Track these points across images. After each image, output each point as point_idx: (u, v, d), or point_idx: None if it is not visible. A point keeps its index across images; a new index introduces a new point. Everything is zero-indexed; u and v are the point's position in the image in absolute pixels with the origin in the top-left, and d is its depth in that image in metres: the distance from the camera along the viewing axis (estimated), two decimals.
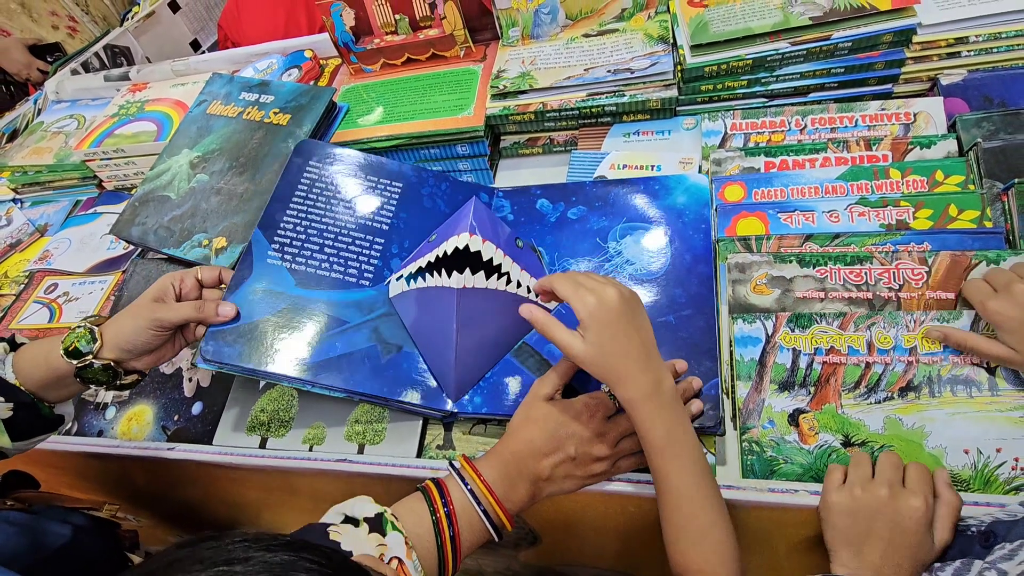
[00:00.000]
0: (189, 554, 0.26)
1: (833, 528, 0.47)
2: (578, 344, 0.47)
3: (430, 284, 0.61)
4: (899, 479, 0.47)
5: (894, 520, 0.45)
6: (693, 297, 0.60)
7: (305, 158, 0.71)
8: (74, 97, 1.13)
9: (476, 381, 0.59)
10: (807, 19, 0.68)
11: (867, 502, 0.46)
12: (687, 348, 0.57)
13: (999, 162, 0.59)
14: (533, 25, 0.83)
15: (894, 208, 0.60)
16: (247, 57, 1.02)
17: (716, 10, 0.74)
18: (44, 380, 0.55)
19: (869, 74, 0.70)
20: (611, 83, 0.75)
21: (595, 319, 0.46)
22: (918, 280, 0.55)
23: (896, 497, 0.46)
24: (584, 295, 0.47)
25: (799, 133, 0.70)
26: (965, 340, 0.51)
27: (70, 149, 1.01)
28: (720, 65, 0.71)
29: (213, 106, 0.89)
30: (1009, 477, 0.48)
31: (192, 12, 1.37)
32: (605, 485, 0.53)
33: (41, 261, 0.95)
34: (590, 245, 0.66)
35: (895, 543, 0.45)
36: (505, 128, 0.82)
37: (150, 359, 0.59)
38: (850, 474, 0.49)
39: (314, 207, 0.68)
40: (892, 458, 0.49)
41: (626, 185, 0.69)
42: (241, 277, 0.63)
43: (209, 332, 0.60)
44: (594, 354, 0.47)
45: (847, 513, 0.46)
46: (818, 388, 0.54)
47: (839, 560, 0.46)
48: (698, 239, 0.63)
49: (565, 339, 0.48)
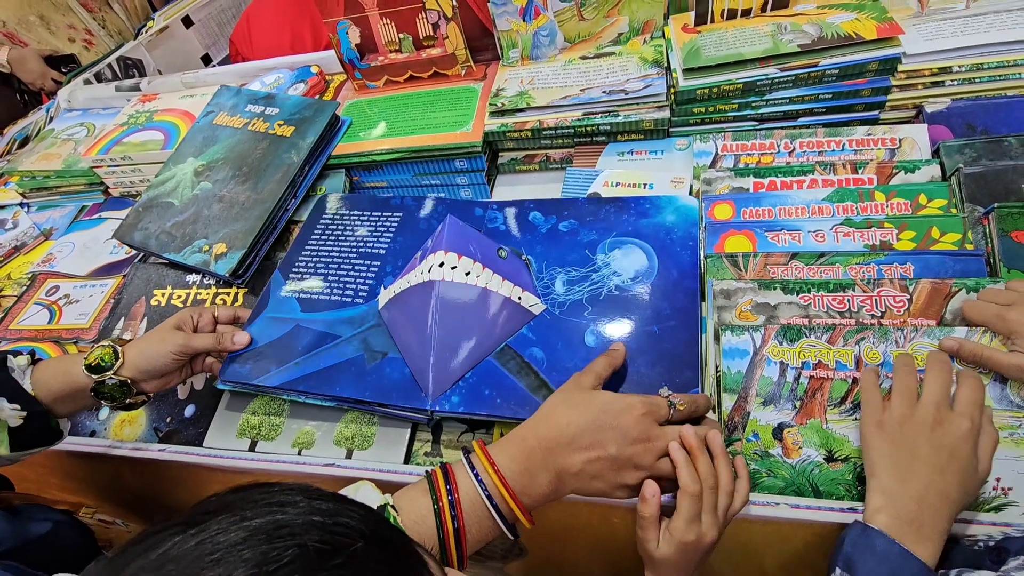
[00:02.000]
0: (242, 497, 0.27)
1: (875, 452, 0.45)
2: None
3: (412, 283, 0.64)
4: (947, 398, 0.45)
5: (941, 443, 0.42)
6: (678, 310, 0.61)
7: (322, 210, 0.80)
8: (85, 106, 1.16)
9: (455, 380, 0.59)
10: (796, 46, 0.71)
11: (912, 428, 0.43)
12: (669, 358, 0.58)
13: (980, 187, 0.61)
14: (532, 47, 0.86)
15: (878, 229, 0.62)
16: (255, 71, 1.05)
17: (708, 36, 0.76)
18: (59, 392, 0.59)
19: (856, 100, 0.72)
20: (606, 103, 0.77)
21: None
22: (900, 307, 0.56)
23: (943, 422, 0.43)
24: None
25: (788, 155, 0.72)
26: (981, 352, 0.48)
27: (79, 156, 1.04)
28: (712, 88, 0.73)
29: (220, 117, 0.91)
30: (990, 497, 0.48)
31: (205, 28, 1.41)
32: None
33: (44, 264, 0.96)
34: (579, 256, 0.67)
35: (942, 468, 0.42)
36: (503, 145, 0.84)
37: (159, 383, 0.63)
38: (894, 395, 0.46)
39: (324, 245, 0.76)
40: (942, 374, 0.46)
41: (617, 203, 0.71)
42: (258, 311, 0.70)
43: (228, 358, 0.66)
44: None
45: (889, 441, 0.44)
46: (804, 402, 0.55)
47: (879, 485, 0.43)
48: (685, 256, 0.65)
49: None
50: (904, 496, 0.42)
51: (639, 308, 0.62)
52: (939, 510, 0.42)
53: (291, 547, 0.24)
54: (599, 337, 0.61)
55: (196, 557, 0.23)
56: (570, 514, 0.57)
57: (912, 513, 0.42)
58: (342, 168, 0.86)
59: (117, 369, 0.59)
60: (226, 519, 0.25)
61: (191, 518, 0.26)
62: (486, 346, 0.61)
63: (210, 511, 0.26)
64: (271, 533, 0.24)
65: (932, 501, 0.42)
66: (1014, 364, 0.47)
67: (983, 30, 0.68)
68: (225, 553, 0.23)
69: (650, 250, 0.66)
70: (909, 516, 0.42)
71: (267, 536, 0.24)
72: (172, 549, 0.24)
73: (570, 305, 0.63)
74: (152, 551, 0.24)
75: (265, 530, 0.24)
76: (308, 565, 0.23)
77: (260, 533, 0.24)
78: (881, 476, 0.44)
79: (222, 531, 0.24)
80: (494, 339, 0.62)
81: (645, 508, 0.46)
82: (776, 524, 0.50)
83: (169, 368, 0.61)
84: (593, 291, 0.64)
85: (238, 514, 0.25)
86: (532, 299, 0.64)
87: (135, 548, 0.25)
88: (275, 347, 0.66)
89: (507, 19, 0.84)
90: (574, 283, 0.65)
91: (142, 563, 0.24)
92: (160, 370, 0.61)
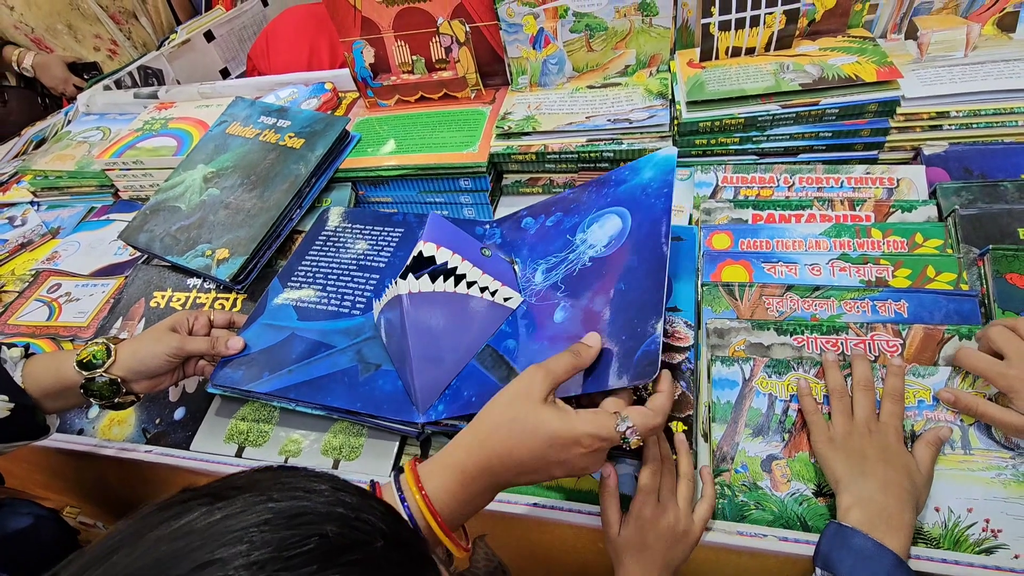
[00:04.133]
0: (270, 478, 0.28)
1: (833, 461, 0.50)
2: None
3: (391, 294, 0.64)
4: (875, 413, 0.51)
5: (881, 445, 0.49)
6: (644, 259, 0.56)
7: (324, 222, 0.81)
8: (103, 111, 1.19)
9: (442, 390, 0.59)
10: (797, 85, 0.72)
11: (855, 438, 0.50)
12: (634, 309, 0.52)
13: (976, 229, 0.62)
14: (541, 74, 0.88)
15: (874, 266, 0.62)
16: (271, 85, 1.08)
17: (713, 71, 0.78)
18: (49, 388, 0.59)
19: (855, 140, 0.73)
20: (610, 131, 0.79)
21: None
22: (893, 352, 0.56)
23: (875, 431, 0.50)
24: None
25: (787, 190, 0.73)
26: (976, 406, 0.50)
27: (92, 158, 1.06)
28: (714, 122, 0.75)
29: (232, 127, 0.93)
30: (980, 538, 0.48)
31: (225, 43, 1.45)
32: (574, 517, 0.53)
33: (49, 262, 0.97)
34: (560, 243, 0.65)
35: (890, 463, 0.47)
36: (508, 167, 0.86)
37: (150, 384, 0.62)
38: (834, 415, 0.52)
39: (324, 256, 0.76)
40: (868, 394, 0.52)
41: (599, 180, 0.68)
42: (254, 316, 0.70)
43: (220, 362, 0.66)
44: None
45: (841, 450, 0.50)
46: (792, 435, 0.54)
47: (844, 487, 0.48)
48: (659, 204, 0.59)
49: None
50: (869, 489, 0.46)
51: (609, 271, 0.58)
52: (901, 501, 0.46)
53: (312, 535, 0.24)
54: (568, 311, 0.58)
55: (218, 532, 0.24)
56: (555, 536, 0.56)
57: (879, 504, 0.45)
58: (349, 182, 0.88)
59: (108, 367, 0.58)
60: (252, 497, 0.25)
61: (219, 492, 0.26)
62: (468, 350, 0.60)
63: (238, 487, 0.26)
64: (294, 518, 0.25)
65: (893, 491, 0.46)
66: (1010, 421, 0.47)
67: (980, 78, 0.69)
68: (246, 533, 0.24)
69: (624, 212, 0.62)
70: (877, 507, 0.45)
71: (289, 521, 0.24)
72: (196, 521, 0.24)
73: (546, 290, 0.62)
74: (177, 519, 0.25)
75: (288, 514, 0.25)
76: (326, 555, 0.24)
77: (283, 517, 0.25)
78: (844, 479, 0.48)
79: (247, 509, 0.25)
80: (474, 341, 0.61)
81: (605, 485, 0.51)
82: (763, 557, 0.49)
83: (161, 369, 0.61)
84: (569, 270, 0.62)
85: (265, 494, 0.26)
86: (510, 292, 0.63)
87: (162, 514, 0.25)
88: (269, 354, 0.66)
89: (518, 46, 0.86)
90: (552, 268, 0.63)
91: (167, 530, 0.24)
92: (152, 371, 0.60)
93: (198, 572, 0.22)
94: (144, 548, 0.24)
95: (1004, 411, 0.48)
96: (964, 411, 0.51)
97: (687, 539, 0.49)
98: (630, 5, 0.80)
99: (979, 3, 0.76)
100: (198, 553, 0.23)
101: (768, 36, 0.78)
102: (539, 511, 0.54)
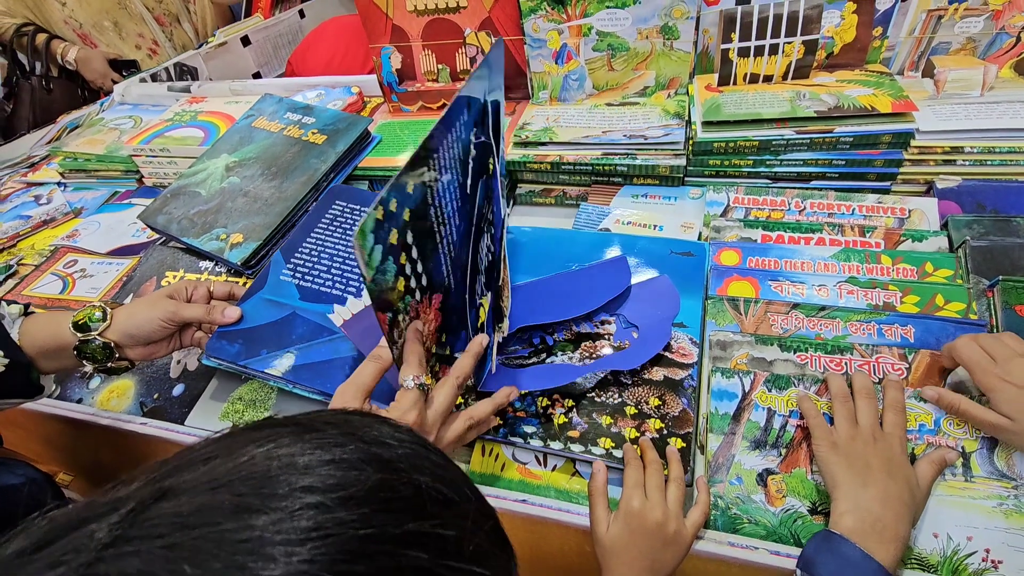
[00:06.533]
0: (358, 419, 0.27)
1: (834, 466, 0.48)
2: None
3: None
4: (878, 421, 0.50)
5: (884, 455, 0.48)
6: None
7: (333, 198, 0.80)
8: (138, 101, 1.23)
9: None
10: (812, 112, 0.73)
11: (859, 444, 0.49)
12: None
13: (986, 260, 0.61)
14: (561, 88, 0.90)
15: (882, 291, 0.62)
16: (299, 86, 1.11)
17: (730, 95, 0.80)
18: (45, 347, 0.59)
19: (868, 169, 0.74)
20: (625, 146, 0.80)
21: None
22: (898, 375, 0.56)
23: (880, 439, 0.49)
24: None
25: (798, 213, 0.74)
26: (958, 404, 0.50)
27: (121, 143, 1.09)
28: (728, 143, 0.76)
29: (259, 121, 0.96)
30: (979, 569, 0.46)
31: (261, 48, 1.50)
32: (562, 516, 0.52)
33: (68, 239, 0.99)
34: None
35: (892, 474, 0.46)
36: (523, 176, 0.87)
37: (144, 351, 0.62)
38: (838, 420, 0.51)
39: (331, 236, 0.75)
40: (871, 402, 0.51)
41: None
42: (254, 288, 0.70)
43: (216, 332, 0.65)
44: None
45: (844, 456, 0.48)
46: (789, 451, 0.53)
47: (842, 493, 0.47)
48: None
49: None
50: (868, 498, 0.45)
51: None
52: (899, 513, 0.44)
53: (406, 483, 0.23)
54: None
55: (313, 463, 0.23)
56: (541, 537, 0.55)
57: (876, 514, 0.44)
58: (366, 180, 0.89)
59: (103, 330, 0.58)
60: (341, 436, 0.25)
61: (308, 424, 0.25)
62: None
63: (327, 422, 0.25)
64: (387, 464, 0.24)
65: (892, 504, 0.45)
66: (988, 420, 0.48)
67: (996, 116, 0.70)
68: (338, 467, 0.23)
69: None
70: (872, 517, 0.44)
71: (383, 465, 0.24)
72: (291, 446, 0.23)
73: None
74: (269, 442, 0.24)
75: (382, 459, 0.24)
76: (421, 506, 0.23)
77: (376, 460, 0.24)
78: (843, 486, 0.47)
79: (340, 445, 0.24)
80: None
81: (594, 481, 0.52)
82: (753, 570, 0.48)
83: (156, 336, 0.60)
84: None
85: (355, 434, 0.25)
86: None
87: (252, 434, 0.24)
88: (268, 330, 0.65)
89: (541, 60, 0.88)
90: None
91: (261, 449, 0.23)
92: (147, 336, 0.60)
93: (298, 495, 0.21)
94: (241, 461, 0.23)
95: (983, 409, 0.49)
96: (947, 409, 0.52)
97: (678, 543, 0.47)
98: (652, 27, 0.82)
99: (997, 46, 0.77)
100: (293, 478, 0.22)
101: (786, 65, 0.80)
102: (527, 507, 0.53)
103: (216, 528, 0.19)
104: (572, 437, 0.57)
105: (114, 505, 0.21)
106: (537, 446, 0.57)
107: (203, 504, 0.20)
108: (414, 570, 0.21)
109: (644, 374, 0.60)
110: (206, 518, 0.20)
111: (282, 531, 0.20)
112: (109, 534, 0.19)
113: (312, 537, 0.20)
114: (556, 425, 0.58)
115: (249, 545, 0.19)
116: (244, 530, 0.19)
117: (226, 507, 0.20)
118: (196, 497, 0.21)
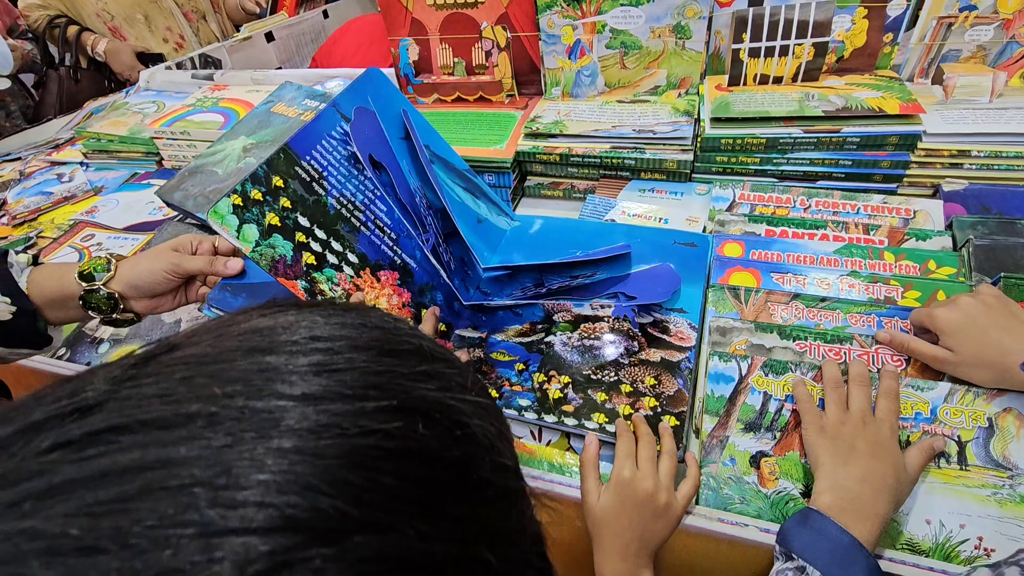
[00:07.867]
0: (358, 303, 0.27)
1: (819, 448, 0.49)
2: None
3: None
4: (870, 407, 0.50)
5: (873, 440, 0.48)
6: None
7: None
8: (162, 88, 1.27)
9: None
10: (820, 111, 0.74)
11: (848, 429, 0.49)
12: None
13: (989, 258, 0.61)
14: (574, 84, 0.92)
15: (884, 285, 0.62)
16: (318, 78, 1.14)
17: (740, 94, 0.81)
18: (51, 296, 0.59)
19: (875, 171, 0.74)
20: (634, 140, 0.81)
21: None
22: (897, 367, 0.56)
23: (870, 424, 0.49)
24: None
25: (803, 211, 0.74)
26: (908, 343, 0.54)
27: (143, 126, 1.12)
28: (736, 140, 0.77)
29: (277, 107, 0.98)
30: (971, 556, 0.46)
31: (284, 44, 1.54)
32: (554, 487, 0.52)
33: (87, 215, 1.02)
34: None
35: (877, 457, 0.47)
36: (532, 168, 0.88)
37: (150, 303, 0.63)
38: (828, 405, 0.51)
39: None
40: (864, 388, 0.51)
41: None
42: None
43: (219, 283, 0.65)
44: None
45: (830, 439, 0.49)
46: (784, 434, 0.53)
47: (823, 472, 0.47)
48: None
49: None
50: (846, 477, 0.46)
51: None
52: (878, 492, 0.45)
53: (411, 339, 0.24)
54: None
55: (318, 321, 0.23)
56: None
57: (853, 492, 0.45)
58: None
59: (107, 281, 0.58)
60: (341, 309, 0.24)
61: (307, 303, 0.25)
62: None
63: (262, 308, 0.25)
64: (389, 330, 0.24)
65: (872, 482, 0.45)
66: (931, 354, 0.53)
67: (1004, 121, 0.71)
68: (344, 326, 0.23)
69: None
70: (851, 495, 0.45)
71: (385, 330, 0.24)
72: (288, 315, 0.23)
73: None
74: (271, 310, 0.24)
75: (384, 327, 0.24)
76: (427, 357, 0.23)
77: (379, 327, 0.24)
78: (825, 465, 0.48)
79: (342, 314, 0.24)
80: None
81: (586, 452, 0.53)
82: (743, 547, 0.48)
83: (160, 288, 0.61)
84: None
85: (353, 311, 0.25)
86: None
87: (252, 312, 0.24)
88: (273, 287, 0.64)
89: (555, 56, 0.90)
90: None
91: (261, 315, 0.23)
92: (151, 288, 0.60)
93: (310, 343, 0.21)
94: (248, 323, 0.23)
95: (928, 345, 0.53)
96: (898, 348, 0.55)
97: (669, 514, 0.47)
98: (665, 26, 0.84)
99: (1008, 55, 0.78)
100: (303, 330, 0.22)
101: (796, 67, 0.81)
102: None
103: (231, 364, 0.20)
104: (566, 411, 0.57)
105: (119, 362, 0.21)
106: (531, 419, 0.57)
107: (214, 348, 0.21)
108: (428, 401, 0.21)
109: (641, 354, 0.60)
110: (220, 357, 0.20)
111: (296, 367, 0.20)
112: (124, 373, 0.20)
113: (326, 371, 0.20)
114: (551, 399, 0.58)
115: (268, 374, 0.20)
116: (259, 364, 0.20)
117: (238, 350, 0.21)
118: (206, 348, 0.21)
